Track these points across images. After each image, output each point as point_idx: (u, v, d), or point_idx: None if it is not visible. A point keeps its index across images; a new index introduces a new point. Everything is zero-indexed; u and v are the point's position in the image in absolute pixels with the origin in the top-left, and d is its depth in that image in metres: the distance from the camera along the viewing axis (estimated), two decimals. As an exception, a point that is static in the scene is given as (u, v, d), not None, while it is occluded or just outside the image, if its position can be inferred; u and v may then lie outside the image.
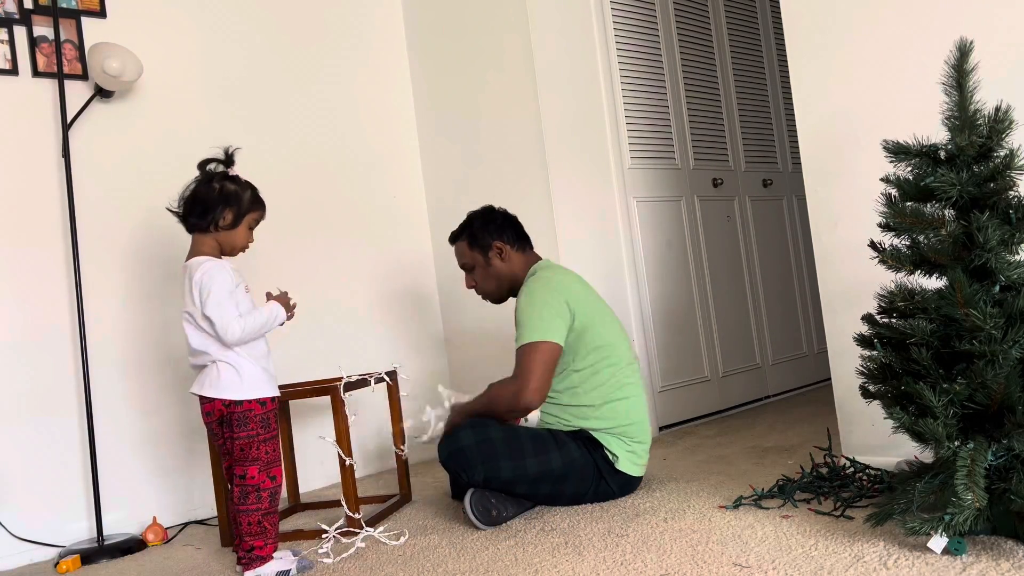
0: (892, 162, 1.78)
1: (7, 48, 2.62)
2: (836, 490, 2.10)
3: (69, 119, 2.65)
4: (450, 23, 3.45)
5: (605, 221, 3.24)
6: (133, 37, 2.81)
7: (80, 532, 2.60)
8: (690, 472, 2.57)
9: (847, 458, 2.26)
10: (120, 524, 2.65)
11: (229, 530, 2.33)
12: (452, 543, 2.11)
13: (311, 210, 3.24)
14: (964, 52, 1.69)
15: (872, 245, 1.83)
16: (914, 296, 1.74)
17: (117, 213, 2.78)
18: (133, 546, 2.49)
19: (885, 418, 1.74)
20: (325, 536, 2.28)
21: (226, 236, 2.07)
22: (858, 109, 2.28)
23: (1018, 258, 1.65)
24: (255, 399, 2.02)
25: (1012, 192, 1.65)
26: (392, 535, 2.25)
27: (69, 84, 2.70)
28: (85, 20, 2.76)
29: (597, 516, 2.19)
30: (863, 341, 1.83)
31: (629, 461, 2.32)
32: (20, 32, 2.65)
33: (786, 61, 2.72)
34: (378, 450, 3.26)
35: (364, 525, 2.30)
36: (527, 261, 2.51)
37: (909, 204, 1.74)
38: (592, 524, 2.12)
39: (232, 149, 2.08)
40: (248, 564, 2.00)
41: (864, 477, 2.15)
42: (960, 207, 1.69)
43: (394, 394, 2.66)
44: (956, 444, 1.60)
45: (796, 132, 2.47)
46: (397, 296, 3.48)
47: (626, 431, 2.32)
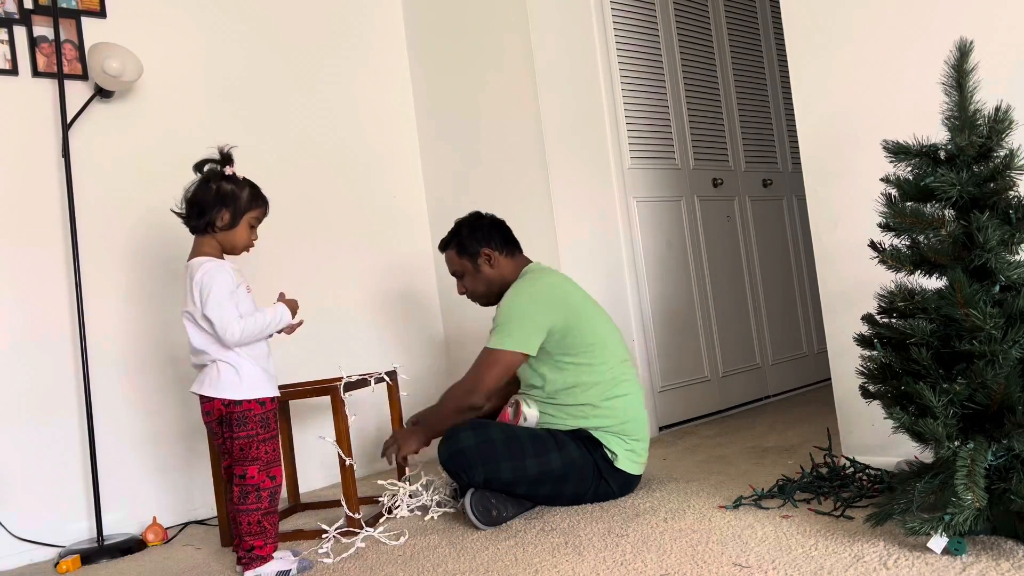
0: (892, 162, 1.78)
1: (7, 48, 2.62)
2: (836, 490, 2.10)
3: (69, 119, 2.65)
4: (450, 23, 3.45)
5: (605, 221, 3.24)
6: (133, 37, 2.81)
7: (80, 532, 2.60)
8: (690, 472, 2.57)
9: (847, 458, 2.26)
10: (120, 524, 2.65)
11: (229, 530, 2.32)
12: (452, 543, 2.11)
13: (311, 210, 3.24)
14: (964, 52, 1.69)
15: (872, 245, 1.83)
16: (914, 296, 1.74)
17: (117, 213, 2.78)
18: (133, 546, 2.49)
19: (885, 418, 1.74)
20: (325, 536, 2.28)
21: (226, 236, 2.06)
22: (858, 109, 2.28)
23: (1018, 258, 1.65)
24: (254, 399, 2.02)
25: (1012, 192, 1.65)
26: (392, 535, 2.25)
27: (69, 84, 2.70)
28: (85, 20, 2.76)
29: (597, 516, 2.19)
30: (863, 341, 1.83)
31: (628, 459, 2.32)
32: (20, 32, 2.65)
33: (786, 61, 2.72)
34: (378, 450, 3.26)
35: (364, 525, 2.30)
36: (516, 265, 2.52)
37: (909, 204, 1.74)
38: (592, 524, 2.12)
39: (228, 148, 2.06)
40: (248, 564, 2.00)
41: (864, 477, 2.15)
42: (960, 207, 1.69)
43: (394, 394, 2.66)
44: (956, 444, 1.60)
45: (796, 132, 2.47)
46: (397, 296, 3.47)
47: (624, 428, 2.33)
